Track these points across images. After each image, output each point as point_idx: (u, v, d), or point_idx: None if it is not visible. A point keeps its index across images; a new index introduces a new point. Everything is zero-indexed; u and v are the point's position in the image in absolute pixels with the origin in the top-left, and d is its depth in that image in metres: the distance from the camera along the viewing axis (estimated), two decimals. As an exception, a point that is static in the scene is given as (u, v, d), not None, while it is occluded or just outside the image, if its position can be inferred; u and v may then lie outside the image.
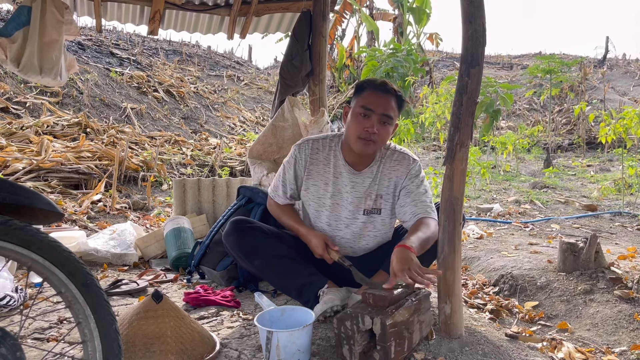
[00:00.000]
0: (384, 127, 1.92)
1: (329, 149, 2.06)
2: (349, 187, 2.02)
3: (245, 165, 7.02)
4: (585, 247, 2.48)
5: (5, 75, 8.59)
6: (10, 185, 1.06)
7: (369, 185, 2.02)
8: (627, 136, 5.33)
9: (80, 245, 2.80)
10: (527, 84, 15.92)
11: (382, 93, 1.92)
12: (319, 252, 1.95)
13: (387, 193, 2.04)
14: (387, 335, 1.50)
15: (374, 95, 1.92)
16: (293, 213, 2.15)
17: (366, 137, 1.90)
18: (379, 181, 2.03)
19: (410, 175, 2.01)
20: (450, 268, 1.74)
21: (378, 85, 1.94)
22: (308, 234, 2.01)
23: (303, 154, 2.06)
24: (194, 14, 4.00)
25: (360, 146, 1.93)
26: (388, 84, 1.96)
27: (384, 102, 1.91)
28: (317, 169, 2.05)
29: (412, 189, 1.99)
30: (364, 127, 1.89)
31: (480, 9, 1.68)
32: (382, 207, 2.05)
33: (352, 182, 2.02)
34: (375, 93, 1.92)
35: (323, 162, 2.05)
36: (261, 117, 13.36)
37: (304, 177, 2.07)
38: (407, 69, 10.89)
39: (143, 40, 15.71)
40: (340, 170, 2.03)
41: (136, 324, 1.54)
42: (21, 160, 5.24)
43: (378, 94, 1.92)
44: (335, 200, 2.04)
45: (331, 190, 2.04)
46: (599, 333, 2.08)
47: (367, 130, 1.89)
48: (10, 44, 3.07)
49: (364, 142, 1.91)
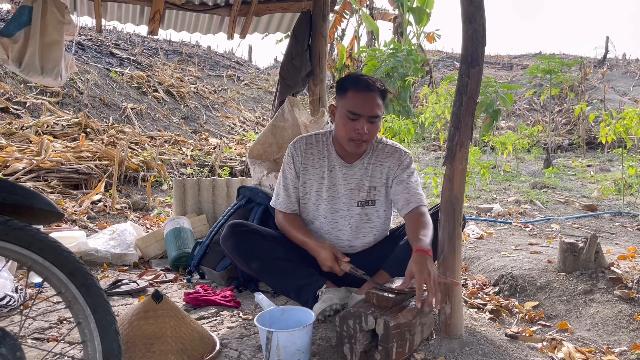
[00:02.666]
0: (373, 124, 1.93)
1: (322, 143, 2.10)
2: (342, 180, 2.05)
3: (245, 165, 7.01)
4: (585, 247, 2.48)
5: (5, 75, 8.59)
6: (10, 185, 1.06)
7: (360, 177, 2.05)
8: (627, 136, 5.33)
9: (80, 245, 2.80)
10: (527, 84, 15.91)
11: (366, 93, 1.89)
12: (329, 264, 1.90)
13: (380, 185, 2.06)
14: (390, 336, 1.50)
15: (359, 97, 1.89)
16: (301, 226, 2.10)
17: (357, 139, 1.92)
18: (371, 173, 2.05)
19: (402, 166, 2.04)
20: (450, 268, 1.74)
21: (361, 86, 1.90)
22: (316, 246, 1.96)
23: (298, 150, 2.09)
24: (194, 14, 4.00)
25: (353, 147, 1.96)
26: (370, 81, 1.92)
27: (370, 102, 1.89)
28: (312, 163, 2.09)
29: (403, 177, 2.02)
30: (354, 129, 1.90)
31: (480, 9, 1.68)
32: (376, 199, 2.07)
33: (345, 174, 2.05)
34: (359, 94, 1.89)
35: (318, 156, 2.08)
36: (261, 117, 13.35)
37: (300, 172, 2.09)
38: (407, 69, 10.90)
39: (143, 40, 15.71)
40: (333, 164, 2.06)
41: (136, 324, 1.54)
42: (21, 160, 5.24)
43: (362, 95, 1.89)
44: (331, 193, 2.07)
45: (327, 183, 2.07)
46: (599, 333, 2.08)
47: (357, 132, 1.90)
48: (12, 44, 3.07)
49: (356, 144, 1.94)
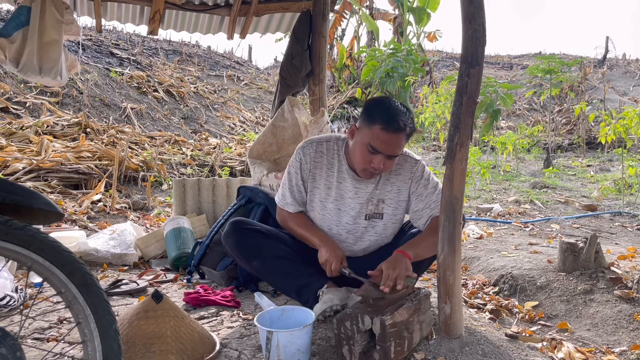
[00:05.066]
0: (390, 160, 1.88)
1: (333, 152, 2.03)
2: (352, 193, 2.01)
3: (245, 165, 7.01)
4: (585, 247, 2.48)
5: (5, 75, 8.59)
6: (10, 185, 1.06)
7: (371, 191, 2.01)
8: (627, 136, 5.33)
9: (80, 245, 2.80)
10: (527, 84, 15.91)
11: (394, 134, 1.79)
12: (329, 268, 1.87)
13: (390, 198, 2.02)
14: (387, 335, 1.50)
15: (386, 137, 1.78)
16: (306, 221, 2.07)
17: (372, 172, 1.90)
18: (382, 186, 2.02)
19: (415, 178, 2.00)
20: (450, 268, 1.74)
21: (393, 127, 1.78)
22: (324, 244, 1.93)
23: (308, 157, 2.03)
24: (194, 14, 4.00)
25: (365, 175, 1.94)
26: (402, 123, 1.78)
27: (395, 143, 1.81)
28: (320, 172, 2.04)
29: (421, 191, 1.99)
30: (370, 163, 1.86)
31: (480, 9, 1.67)
32: (384, 212, 2.03)
33: (356, 187, 2.01)
34: (387, 135, 1.78)
35: (327, 165, 2.03)
36: (261, 117, 13.35)
37: (308, 180, 2.05)
38: (407, 69, 10.89)
39: (143, 40, 15.70)
40: (343, 176, 2.01)
41: (136, 324, 1.54)
42: (21, 160, 5.24)
43: (390, 135, 1.78)
44: (337, 206, 2.03)
45: (334, 195, 2.02)
46: (599, 333, 2.08)
47: (373, 167, 1.86)
48: (10, 44, 3.07)
49: (369, 174, 1.92)
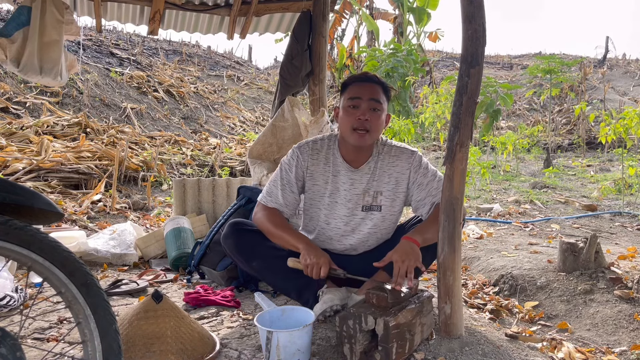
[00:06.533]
0: (375, 113, 1.94)
1: (327, 147, 2.06)
2: (347, 185, 2.02)
3: (245, 165, 7.02)
4: (585, 247, 2.48)
5: (5, 75, 8.59)
6: (10, 185, 1.06)
7: (367, 182, 2.02)
8: (627, 136, 5.32)
9: (80, 245, 2.80)
10: (527, 84, 15.91)
11: (366, 83, 1.98)
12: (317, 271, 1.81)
13: (388, 190, 2.02)
14: (390, 336, 1.50)
15: (358, 86, 1.98)
16: (287, 223, 2.03)
17: (359, 127, 1.91)
18: (378, 177, 2.02)
19: (414, 168, 2.01)
20: (450, 268, 1.74)
21: (360, 76, 2.02)
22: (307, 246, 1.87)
23: (305, 154, 2.03)
24: (194, 14, 4.00)
25: (356, 138, 1.93)
26: (369, 73, 2.03)
27: (369, 88, 1.97)
28: (318, 169, 2.04)
29: (421, 180, 2.00)
30: (355, 117, 1.92)
31: (480, 9, 1.67)
32: (382, 204, 2.03)
33: (351, 179, 2.01)
34: (359, 84, 1.98)
35: (323, 161, 2.04)
36: (261, 117, 13.35)
37: (306, 178, 2.05)
38: (407, 69, 10.89)
39: (143, 40, 15.71)
40: (338, 168, 2.02)
41: (136, 324, 1.54)
42: (21, 160, 5.24)
43: (362, 84, 1.98)
44: (333, 198, 2.03)
45: (330, 189, 2.03)
46: (599, 333, 2.08)
47: (359, 119, 1.91)
48: (10, 44, 3.07)
49: (359, 134, 1.92)
